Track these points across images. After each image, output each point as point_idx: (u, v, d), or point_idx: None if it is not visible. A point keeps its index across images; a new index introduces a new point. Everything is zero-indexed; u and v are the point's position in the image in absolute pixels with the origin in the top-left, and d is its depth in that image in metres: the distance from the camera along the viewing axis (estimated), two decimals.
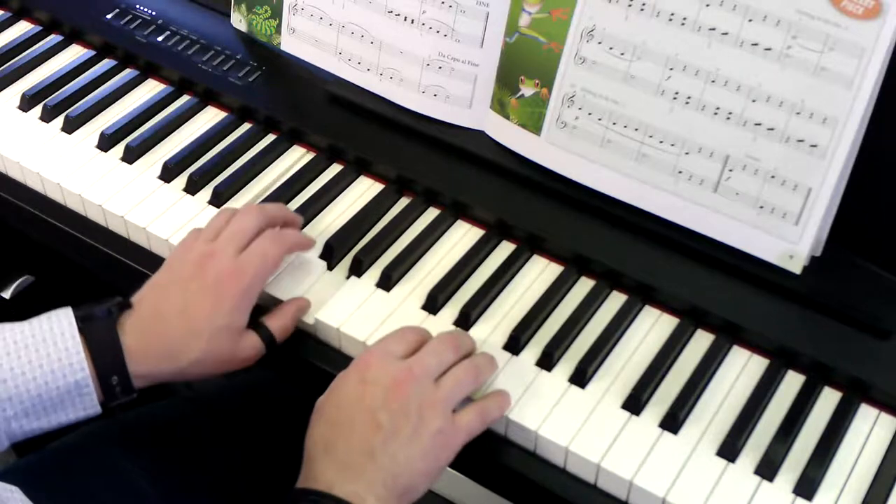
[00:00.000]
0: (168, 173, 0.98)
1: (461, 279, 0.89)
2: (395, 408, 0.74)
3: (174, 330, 0.80)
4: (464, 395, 0.78)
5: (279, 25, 1.05)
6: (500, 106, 0.94)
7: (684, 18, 0.83)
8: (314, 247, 0.91)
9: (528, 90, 0.92)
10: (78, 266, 1.00)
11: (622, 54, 0.86)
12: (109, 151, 1.01)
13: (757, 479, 0.76)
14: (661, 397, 0.81)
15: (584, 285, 0.89)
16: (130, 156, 1.00)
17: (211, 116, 1.05)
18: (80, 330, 0.78)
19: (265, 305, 0.87)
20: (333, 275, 0.90)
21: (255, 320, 0.85)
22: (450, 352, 0.79)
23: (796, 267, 0.84)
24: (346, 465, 0.73)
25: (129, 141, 1.01)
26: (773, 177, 0.83)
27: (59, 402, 0.78)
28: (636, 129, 0.87)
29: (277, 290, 0.88)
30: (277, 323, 0.85)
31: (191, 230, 0.88)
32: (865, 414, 0.80)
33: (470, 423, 0.76)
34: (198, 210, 0.95)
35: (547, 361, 0.83)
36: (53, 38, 1.14)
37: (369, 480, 0.72)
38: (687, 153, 0.86)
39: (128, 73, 1.09)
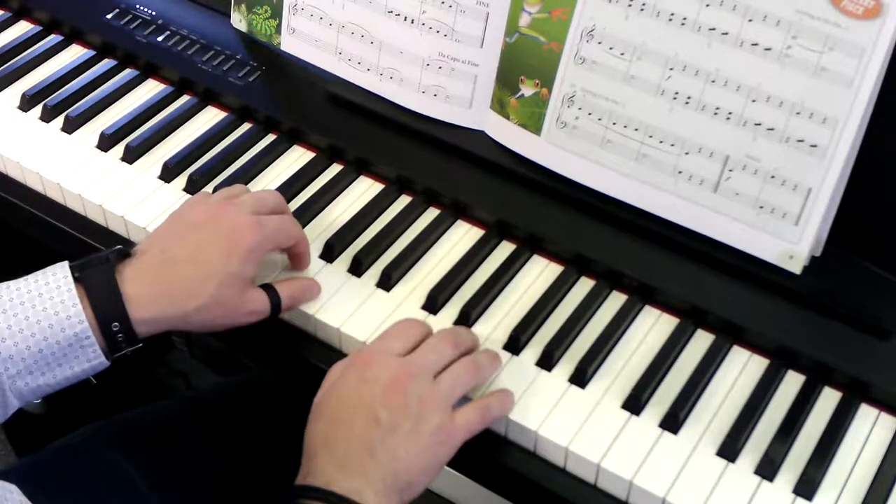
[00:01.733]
0: (168, 173, 0.98)
1: (461, 279, 0.89)
2: (394, 404, 0.74)
3: (184, 273, 0.80)
4: (463, 391, 0.78)
5: (279, 25, 1.05)
6: (500, 106, 0.94)
7: (684, 18, 0.83)
8: (313, 241, 0.91)
9: (528, 90, 0.92)
10: None
11: (622, 54, 0.86)
12: (109, 151, 1.01)
13: (757, 479, 0.76)
14: (661, 397, 0.81)
15: (584, 285, 0.89)
16: (130, 156, 1.00)
17: (211, 116, 1.05)
18: (77, 280, 0.77)
19: None
20: (333, 275, 0.90)
21: (266, 283, 0.85)
22: (448, 348, 0.79)
23: (796, 267, 0.84)
24: (346, 461, 0.73)
25: (129, 141, 1.01)
26: (772, 177, 0.83)
27: (62, 355, 0.77)
28: (636, 129, 0.87)
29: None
30: (287, 290, 0.85)
31: (198, 194, 0.88)
32: (865, 414, 0.80)
33: (469, 420, 0.76)
34: None
35: (547, 361, 0.83)
36: (53, 38, 1.14)
37: (369, 477, 0.72)
38: (687, 153, 0.86)
39: (128, 73, 1.09)
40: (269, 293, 0.84)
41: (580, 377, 0.82)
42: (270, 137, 1.02)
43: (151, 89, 1.08)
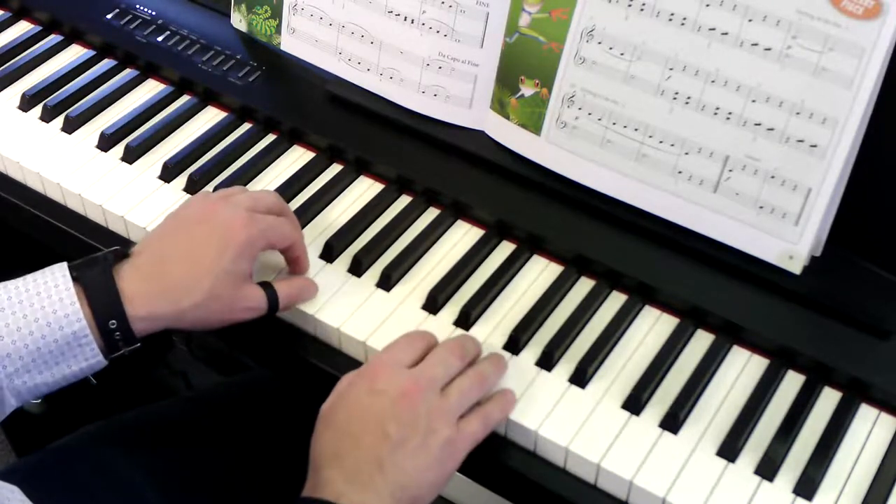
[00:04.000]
0: (168, 173, 0.98)
1: (461, 279, 0.89)
2: (403, 418, 0.74)
3: (178, 270, 0.80)
4: (469, 404, 0.78)
5: (279, 25, 1.05)
6: (500, 106, 0.94)
7: (684, 18, 0.83)
8: (313, 241, 0.91)
9: (528, 90, 0.92)
10: None
11: (622, 54, 0.86)
12: (109, 151, 1.01)
13: (757, 479, 0.76)
14: (661, 397, 0.81)
15: (584, 285, 0.89)
16: (130, 156, 1.00)
17: (211, 116, 1.05)
18: (75, 279, 0.78)
19: None
20: (333, 275, 0.90)
21: (264, 281, 0.85)
22: (456, 360, 0.78)
23: (796, 267, 0.84)
24: (355, 475, 0.73)
25: (129, 141, 1.01)
26: (772, 177, 0.83)
27: (60, 354, 0.77)
28: (636, 129, 0.87)
29: None
30: (285, 288, 0.85)
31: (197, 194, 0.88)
32: (865, 414, 0.80)
33: (475, 431, 0.76)
34: None
35: (547, 361, 0.83)
36: (53, 38, 1.14)
37: (377, 491, 0.72)
38: (687, 153, 0.86)
39: (128, 73, 1.09)
40: (266, 290, 0.84)
41: (580, 377, 0.82)
42: (270, 137, 1.02)
43: (151, 89, 1.08)
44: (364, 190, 0.97)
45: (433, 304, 0.87)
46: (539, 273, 0.90)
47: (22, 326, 0.76)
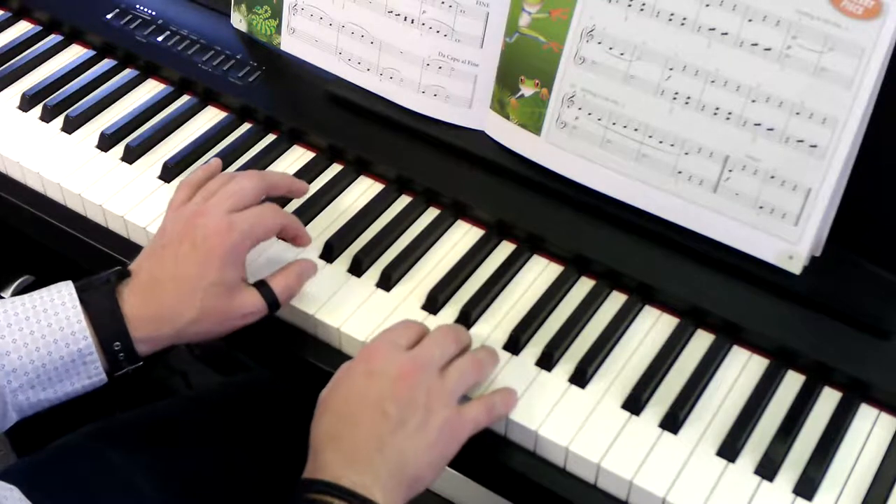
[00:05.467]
0: (168, 173, 0.98)
1: (461, 279, 0.89)
2: (402, 399, 0.74)
3: (169, 293, 0.80)
4: (468, 386, 0.78)
5: (279, 25, 1.05)
6: (500, 106, 0.94)
7: (684, 18, 0.83)
8: (313, 241, 0.91)
9: (528, 90, 0.92)
10: (78, 266, 1.00)
11: (622, 54, 0.86)
12: (109, 151, 1.01)
13: (757, 479, 0.76)
14: (661, 397, 0.81)
15: (584, 285, 0.89)
16: (130, 156, 1.00)
17: (211, 116, 1.05)
18: (80, 299, 0.78)
19: None
20: (333, 275, 0.90)
21: (259, 281, 0.84)
22: (452, 343, 0.79)
23: (796, 267, 0.84)
24: (354, 456, 0.73)
25: (129, 141, 1.01)
26: (772, 177, 0.83)
27: (65, 371, 0.78)
28: (636, 130, 0.87)
29: None
30: (281, 282, 0.84)
31: (180, 183, 0.87)
32: (865, 414, 0.80)
33: (477, 415, 0.77)
34: None
35: (547, 361, 0.83)
36: (53, 38, 1.14)
37: (376, 471, 0.72)
38: (686, 153, 0.86)
39: (128, 73, 1.10)
40: (262, 291, 0.83)
41: (580, 377, 0.82)
42: (270, 137, 1.02)
43: (151, 89, 1.08)
44: (364, 190, 0.97)
45: (433, 303, 0.87)
46: (539, 273, 0.90)
47: (29, 342, 0.77)
